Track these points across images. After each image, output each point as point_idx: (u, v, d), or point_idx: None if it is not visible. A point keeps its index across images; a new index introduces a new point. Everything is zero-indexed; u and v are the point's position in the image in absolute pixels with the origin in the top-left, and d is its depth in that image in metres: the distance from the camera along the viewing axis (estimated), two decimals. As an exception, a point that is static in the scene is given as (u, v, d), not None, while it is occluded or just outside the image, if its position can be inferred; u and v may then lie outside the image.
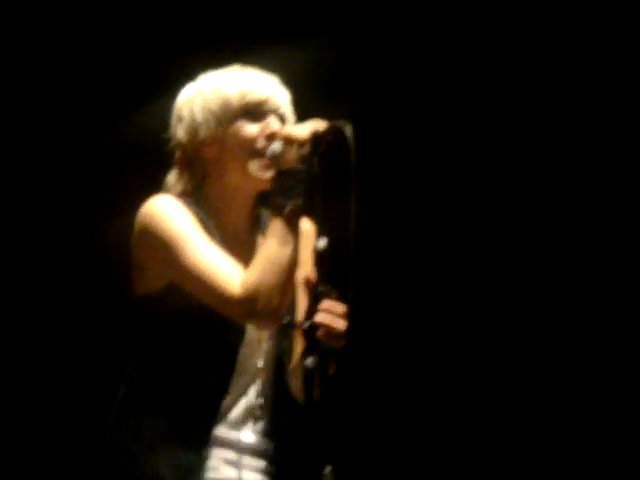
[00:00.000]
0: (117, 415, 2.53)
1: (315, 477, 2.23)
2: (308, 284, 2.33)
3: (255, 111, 2.54)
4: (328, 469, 2.23)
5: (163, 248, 2.44)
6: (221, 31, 4.04)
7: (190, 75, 2.67)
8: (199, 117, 2.56)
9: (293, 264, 2.39)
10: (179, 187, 2.60)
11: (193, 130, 2.57)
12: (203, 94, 2.57)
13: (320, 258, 2.32)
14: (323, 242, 2.31)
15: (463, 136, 4.28)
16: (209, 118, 2.55)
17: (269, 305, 2.36)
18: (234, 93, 2.54)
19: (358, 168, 2.29)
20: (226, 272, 2.39)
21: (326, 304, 2.31)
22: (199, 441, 2.46)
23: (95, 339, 4.00)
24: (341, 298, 2.32)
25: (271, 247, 2.38)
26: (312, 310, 2.30)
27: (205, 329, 2.46)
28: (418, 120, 4.28)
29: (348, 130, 2.30)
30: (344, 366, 2.36)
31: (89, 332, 4.02)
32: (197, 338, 2.47)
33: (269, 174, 2.50)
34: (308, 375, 2.25)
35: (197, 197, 2.57)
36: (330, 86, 4.03)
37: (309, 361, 2.26)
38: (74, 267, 4.02)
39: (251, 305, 2.35)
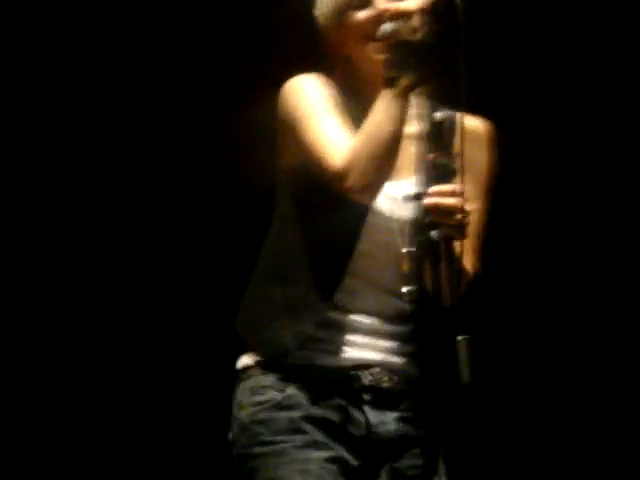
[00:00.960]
0: (251, 287, 2.60)
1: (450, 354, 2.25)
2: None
3: None
4: (461, 337, 2.25)
5: (291, 121, 2.48)
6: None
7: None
8: (323, 3, 2.58)
9: (396, 139, 2.36)
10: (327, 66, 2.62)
11: (321, 15, 2.59)
12: None
13: (438, 129, 2.32)
14: (440, 114, 2.32)
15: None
16: (329, 5, 2.56)
17: (362, 178, 2.35)
18: None
19: (468, 34, 2.25)
20: (335, 144, 2.40)
21: (435, 188, 2.31)
22: (321, 310, 2.48)
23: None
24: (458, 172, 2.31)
25: (373, 120, 2.37)
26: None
27: (332, 205, 2.47)
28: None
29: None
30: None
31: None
32: (324, 213, 2.49)
33: (378, 53, 2.48)
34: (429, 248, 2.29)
35: (343, 80, 2.58)
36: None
37: (434, 233, 2.29)
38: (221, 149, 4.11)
39: (345, 177, 2.35)
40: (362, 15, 2.52)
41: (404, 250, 2.46)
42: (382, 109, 2.37)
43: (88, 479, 4.13)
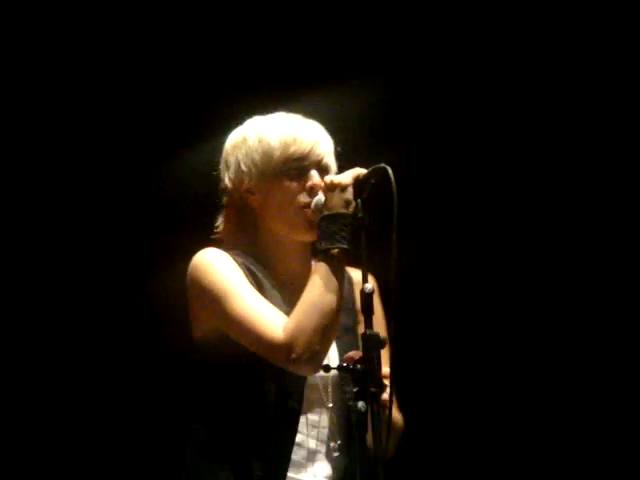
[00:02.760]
0: (189, 466, 2.53)
1: None
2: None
3: (297, 164, 2.54)
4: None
5: (209, 299, 2.46)
6: (267, 74, 4.09)
7: (235, 118, 2.69)
8: (243, 166, 2.58)
9: (336, 309, 2.38)
10: (230, 234, 2.62)
11: (238, 178, 2.59)
12: (247, 142, 2.58)
13: (367, 301, 2.32)
14: (369, 286, 2.32)
15: (507, 182, 4.31)
16: (252, 168, 2.56)
17: (309, 350, 2.34)
18: (276, 145, 2.54)
19: (400, 211, 2.28)
20: (268, 318, 2.39)
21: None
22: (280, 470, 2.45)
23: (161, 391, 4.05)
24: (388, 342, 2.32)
25: (313, 292, 2.38)
26: (362, 354, 2.30)
27: (262, 376, 2.46)
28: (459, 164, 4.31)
29: (389, 173, 2.29)
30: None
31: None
32: (254, 385, 2.47)
33: (308, 230, 2.52)
34: (360, 418, 2.25)
35: (250, 245, 2.59)
36: (372, 133, 4.06)
37: (361, 404, 2.26)
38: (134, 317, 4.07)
39: (290, 350, 2.34)
40: (294, 185, 2.53)
41: (330, 405, 2.50)
42: (321, 280, 2.37)
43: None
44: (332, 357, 2.52)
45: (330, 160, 2.59)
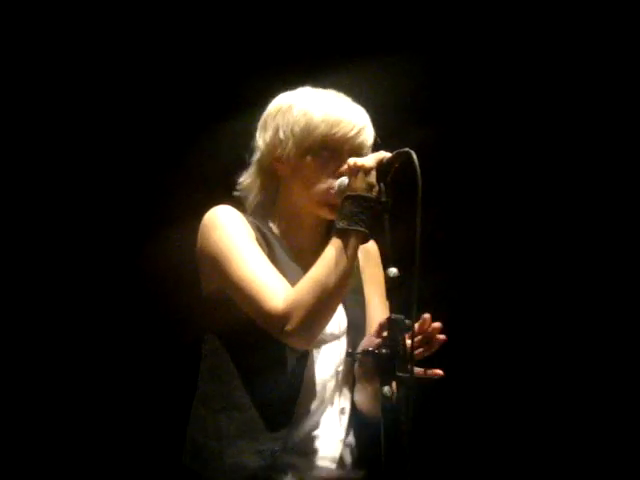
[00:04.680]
0: (193, 417, 2.54)
1: None
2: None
3: (335, 147, 2.53)
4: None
5: (216, 258, 2.46)
6: (300, 50, 4.07)
7: (266, 94, 2.68)
8: (281, 133, 2.56)
9: (340, 290, 2.36)
10: (252, 194, 2.62)
11: (273, 144, 2.58)
12: (292, 111, 2.57)
13: (392, 286, 2.29)
14: (394, 270, 2.29)
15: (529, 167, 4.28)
16: (290, 138, 2.55)
17: (304, 325, 2.34)
18: (320, 122, 2.53)
19: (424, 194, 2.26)
20: (270, 286, 2.38)
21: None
22: (282, 425, 2.45)
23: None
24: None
25: (320, 269, 2.36)
26: (388, 338, 2.28)
27: (267, 343, 2.45)
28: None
29: (414, 157, 2.27)
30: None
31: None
32: (259, 349, 2.47)
33: (330, 212, 2.52)
34: (386, 403, 2.23)
35: (268, 211, 2.60)
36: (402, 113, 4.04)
37: (386, 389, 2.25)
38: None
39: (286, 321, 2.34)
40: (325, 167, 2.52)
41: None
42: (331, 259, 2.36)
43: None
44: (340, 318, 2.54)
45: (367, 152, 2.56)
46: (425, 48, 4.11)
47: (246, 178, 2.64)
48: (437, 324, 2.38)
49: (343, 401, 2.56)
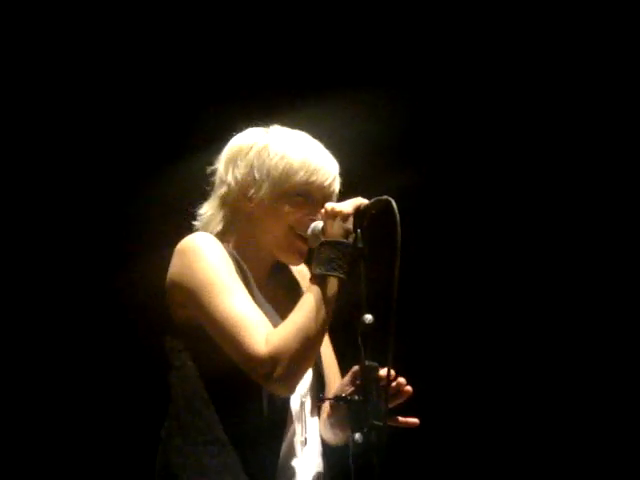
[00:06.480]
0: (170, 446, 2.47)
1: None
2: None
3: (310, 194, 2.52)
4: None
5: (195, 290, 2.40)
6: (269, 84, 4.10)
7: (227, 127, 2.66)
8: (256, 174, 2.53)
9: (321, 337, 2.36)
10: (212, 226, 2.57)
11: (245, 182, 2.55)
12: (269, 153, 2.53)
13: (366, 333, 2.28)
14: (369, 317, 2.28)
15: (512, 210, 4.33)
16: (265, 181, 2.52)
17: (289, 373, 2.31)
18: (299, 170, 2.52)
19: (402, 242, 2.26)
20: (254, 329, 2.34)
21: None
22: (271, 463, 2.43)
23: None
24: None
25: (302, 315, 2.34)
26: (361, 385, 2.28)
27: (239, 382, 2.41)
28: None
29: (393, 205, 2.28)
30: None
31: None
32: (234, 380, 2.42)
33: (298, 259, 2.53)
34: (357, 450, 2.23)
35: (227, 244, 2.54)
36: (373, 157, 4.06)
37: (357, 436, 2.24)
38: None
39: (271, 369, 2.30)
40: (300, 212, 2.51)
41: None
42: (311, 305, 2.34)
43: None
44: None
45: (335, 198, 2.57)
46: (395, 89, 4.16)
47: (208, 210, 2.60)
48: (402, 379, 2.39)
49: (305, 432, 2.53)
